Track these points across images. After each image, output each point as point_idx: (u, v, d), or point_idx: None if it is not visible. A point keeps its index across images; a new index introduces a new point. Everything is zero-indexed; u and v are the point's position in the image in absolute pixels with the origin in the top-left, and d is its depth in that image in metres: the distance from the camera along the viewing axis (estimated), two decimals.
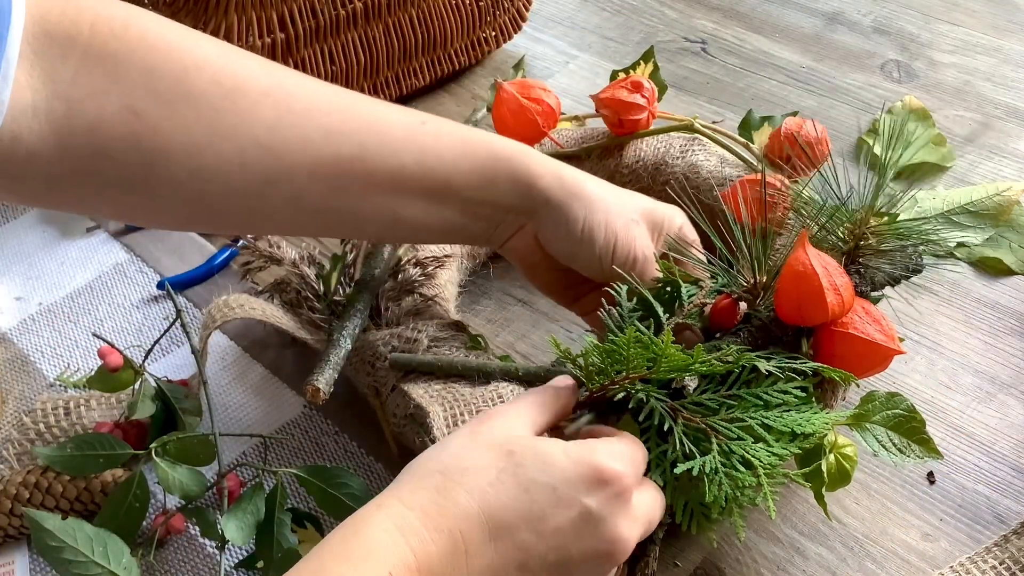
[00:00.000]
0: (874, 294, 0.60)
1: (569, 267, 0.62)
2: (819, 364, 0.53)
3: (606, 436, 0.49)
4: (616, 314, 0.56)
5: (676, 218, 0.63)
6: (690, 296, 0.58)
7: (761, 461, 0.49)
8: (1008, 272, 0.78)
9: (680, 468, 0.49)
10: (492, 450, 0.45)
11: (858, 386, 0.57)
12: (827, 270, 0.53)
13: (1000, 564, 0.58)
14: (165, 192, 0.52)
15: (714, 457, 0.49)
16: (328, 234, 0.64)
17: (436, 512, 0.43)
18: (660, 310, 0.56)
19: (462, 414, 0.58)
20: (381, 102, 0.58)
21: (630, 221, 0.60)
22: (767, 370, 0.51)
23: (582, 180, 0.60)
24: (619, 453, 0.47)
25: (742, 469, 0.49)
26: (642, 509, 0.48)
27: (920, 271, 0.60)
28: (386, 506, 0.43)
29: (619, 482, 0.46)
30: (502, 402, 0.59)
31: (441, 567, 0.42)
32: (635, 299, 0.58)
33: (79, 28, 0.49)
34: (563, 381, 0.52)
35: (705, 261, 0.60)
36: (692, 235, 0.64)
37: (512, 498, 0.44)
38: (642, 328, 0.51)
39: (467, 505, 0.43)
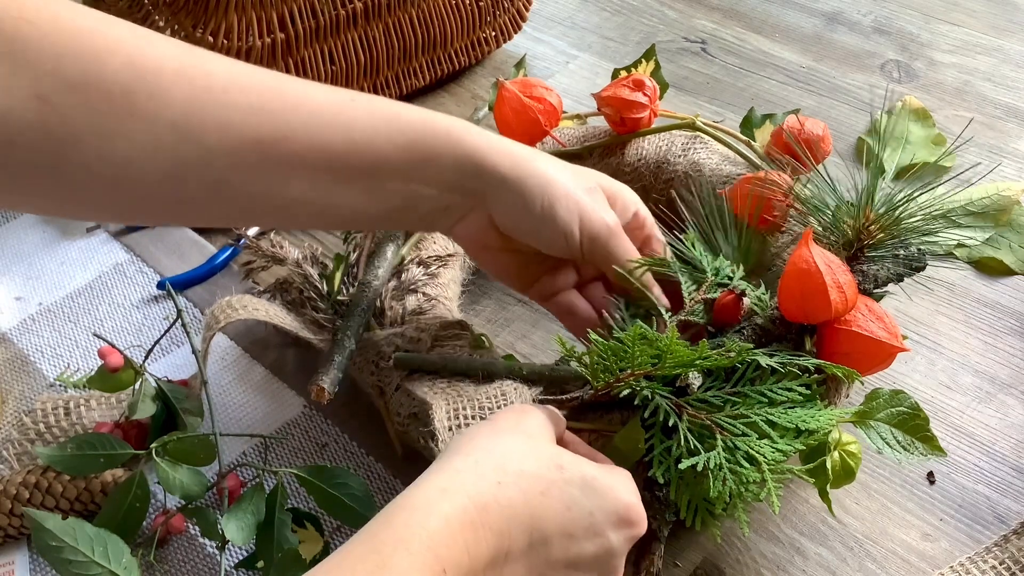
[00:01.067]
0: (877, 291, 0.60)
1: (522, 250, 0.60)
2: (822, 361, 0.54)
3: (601, 462, 0.51)
4: (619, 318, 0.57)
5: (629, 197, 0.62)
6: (690, 291, 0.58)
7: (765, 457, 0.49)
8: (1008, 272, 0.78)
9: (685, 464, 0.49)
10: (543, 458, 0.47)
11: (862, 383, 0.57)
12: (830, 267, 0.53)
13: (1000, 564, 0.58)
14: (78, 180, 0.50)
15: (718, 453, 0.49)
16: (259, 223, 0.60)
17: (493, 506, 0.43)
18: (664, 310, 0.56)
19: (465, 408, 0.58)
20: (310, 82, 0.55)
21: (590, 190, 0.59)
22: (770, 366, 0.51)
23: (533, 156, 0.58)
24: (637, 495, 0.49)
25: (746, 465, 0.49)
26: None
27: (923, 268, 0.60)
28: (451, 493, 0.43)
29: (639, 527, 0.48)
30: (506, 400, 0.59)
31: (484, 569, 0.43)
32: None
33: None
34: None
35: (673, 259, 0.61)
36: (648, 218, 0.63)
37: (556, 512, 0.45)
38: (646, 326, 0.51)
39: (520, 508, 0.44)
